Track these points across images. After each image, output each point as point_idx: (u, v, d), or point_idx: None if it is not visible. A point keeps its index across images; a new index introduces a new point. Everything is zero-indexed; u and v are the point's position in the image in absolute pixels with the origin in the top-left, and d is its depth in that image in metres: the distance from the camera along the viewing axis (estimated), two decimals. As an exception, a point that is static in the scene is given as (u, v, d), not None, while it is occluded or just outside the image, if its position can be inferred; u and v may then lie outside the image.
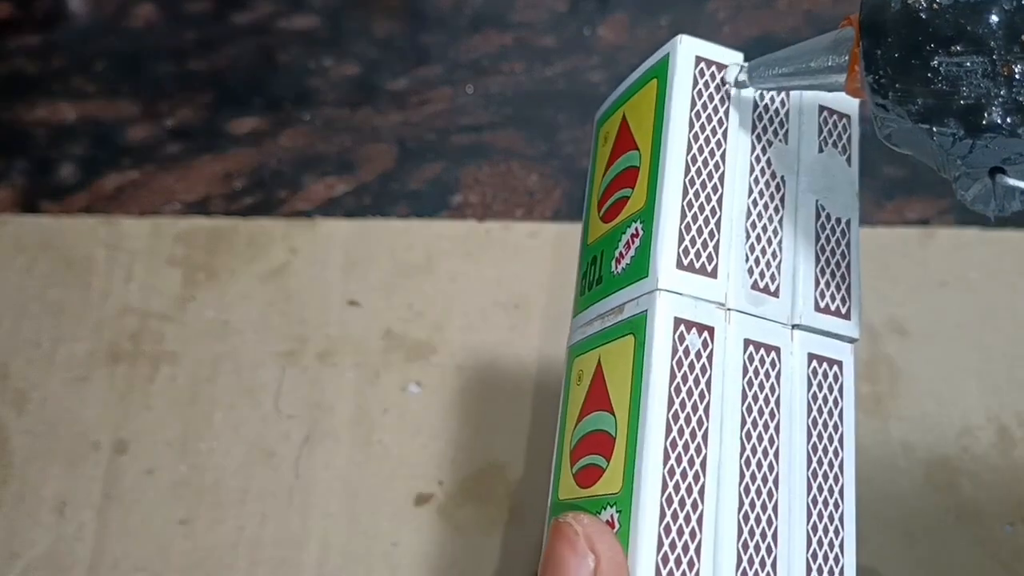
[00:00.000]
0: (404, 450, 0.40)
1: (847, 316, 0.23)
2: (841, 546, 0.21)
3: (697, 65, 0.23)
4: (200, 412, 0.41)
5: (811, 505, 0.21)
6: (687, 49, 0.23)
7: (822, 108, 0.25)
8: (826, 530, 0.21)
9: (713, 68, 0.23)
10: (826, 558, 0.21)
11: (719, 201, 0.23)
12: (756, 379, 0.22)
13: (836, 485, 0.22)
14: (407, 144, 0.49)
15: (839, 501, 0.22)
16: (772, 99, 0.24)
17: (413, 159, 0.49)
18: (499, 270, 0.45)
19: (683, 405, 0.20)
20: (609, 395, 0.22)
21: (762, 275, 0.23)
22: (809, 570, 0.21)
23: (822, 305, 0.23)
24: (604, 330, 0.23)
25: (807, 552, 0.21)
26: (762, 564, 0.20)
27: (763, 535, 0.20)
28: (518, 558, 0.38)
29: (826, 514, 0.21)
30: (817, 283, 0.23)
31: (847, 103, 0.25)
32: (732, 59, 0.24)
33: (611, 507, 0.21)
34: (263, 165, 0.48)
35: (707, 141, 0.23)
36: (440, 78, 0.52)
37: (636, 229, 0.23)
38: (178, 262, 0.45)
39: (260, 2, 0.54)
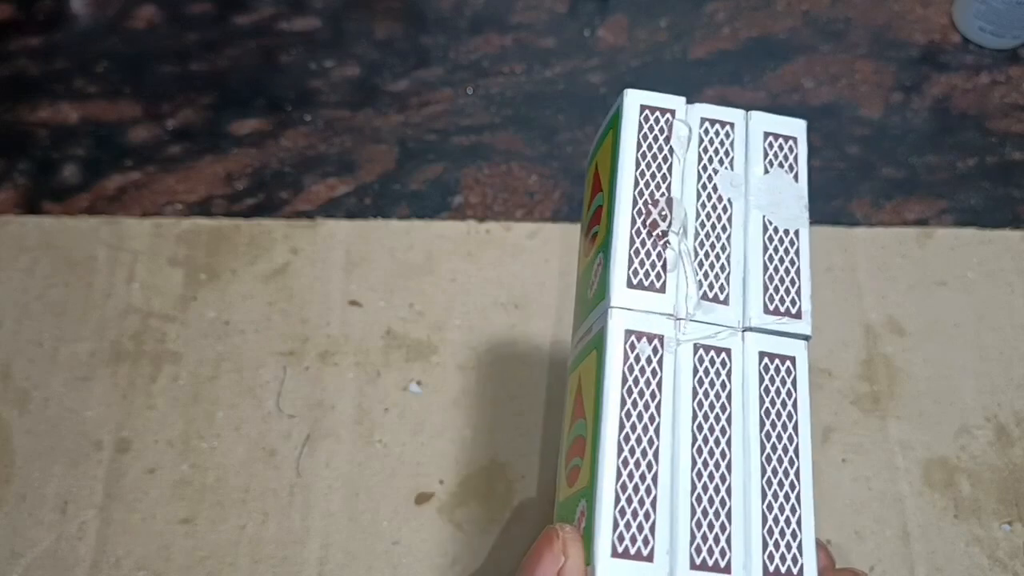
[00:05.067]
0: (405, 449, 0.40)
1: (798, 315, 0.25)
2: (799, 523, 0.23)
3: (642, 112, 0.27)
4: (202, 411, 0.41)
5: (766, 487, 0.23)
6: (632, 100, 0.27)
7: (767, 134, 0.28)
8: (782, 508, 0.23)
9: (657, 113, 0.27)
10: (783, 533, 0.23)
11: (668, 226, 0.26)
12: (707, 377, 0.24)
13: (791, 468, 0.24)
14: (408, 145, 0.50)
15: (795, 482, 0.24)
16: (717, 132, 0.27)
17: (414, 160, 0.49)
18: (499, 270, 0.45)
19: (635, 404, 0.23)
20: (583, 403, 0.25)
21: (711, 287, 0.25)
22: (766, 545, 0.23)
23: (771, 307, 0.25)
24: (582, 350, 0.26)
25: (763, 529, 0.23)
26: (716, 540, 0.22)
27: (716, 514, 0.23)
28: (518, 557, 0.38)
29: (781, 494, 0.23)
30: (766, 289, 0.25)
31: (793, 126, 0.28)
32: (675, 103, 0.27)
33: (583, 499, 0.23)
34: (264, 166, 0.49)
35: (653, 176, 0.26)
36: (440, 79, 0.52)
37: (600, 259, 0.26)
38: (180, 262, 0.45)
39: (261, 4, 0.55)
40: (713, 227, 0.26)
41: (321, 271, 0.45)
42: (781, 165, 0.27)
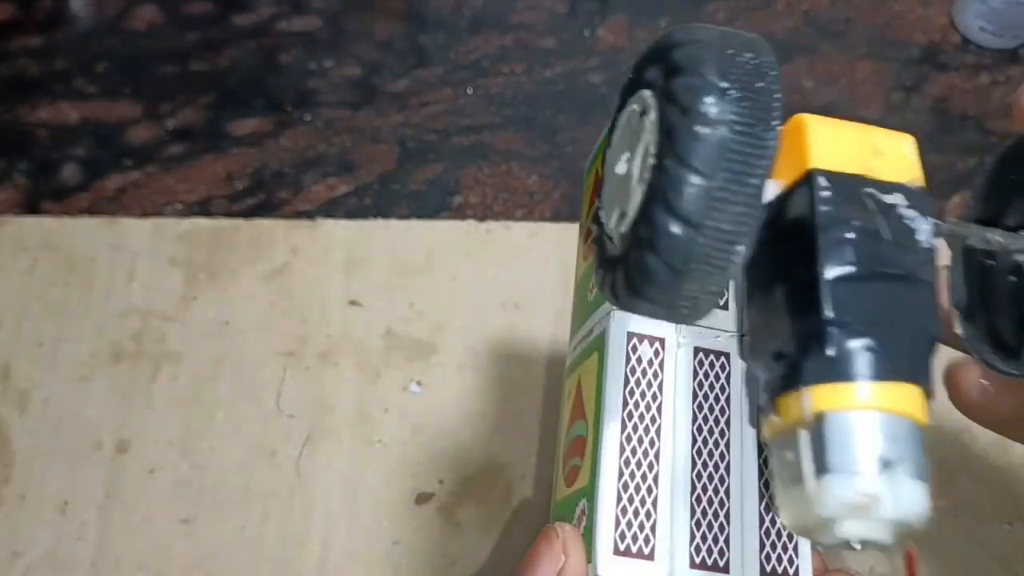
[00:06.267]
0: (405, 449, 0.40)
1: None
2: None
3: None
4: (202, 412, 0.41)
5: (763, 489, 0.23)
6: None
7: None
8: (774, 521, 0.23)
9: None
10: (779, 535, 0.23)
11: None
12: (707, 380, 0.24)
13: None
14: (408, 145, 0.50)
15: None
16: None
17: (414, 160, 0.49)
18: (499, 270, 0.45)
19: (636, 405, 0.23)
20: (584, 404, 0.25)
21: None
22: (763, 546, 0.23)
23: None
24: (582, 352, 0.26)
25: (760, 530, 0.23)
26: (715, 540, 0.23)
27: (715, 515, 0.23)
28: (519, 557, 0.38)
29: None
30: None
31: None
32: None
33: (583, 499, 0.23)
34: (264, 166, 0.49)
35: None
36: (440, 79, 0.52)
37: None
38: (180, 262, 0.45)
39: (261, 4, 0.55)
40: None
41: (321, 271, 0.45)
42: None
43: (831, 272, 0.17)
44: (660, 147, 0.17)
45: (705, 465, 0.23)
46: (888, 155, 0.18)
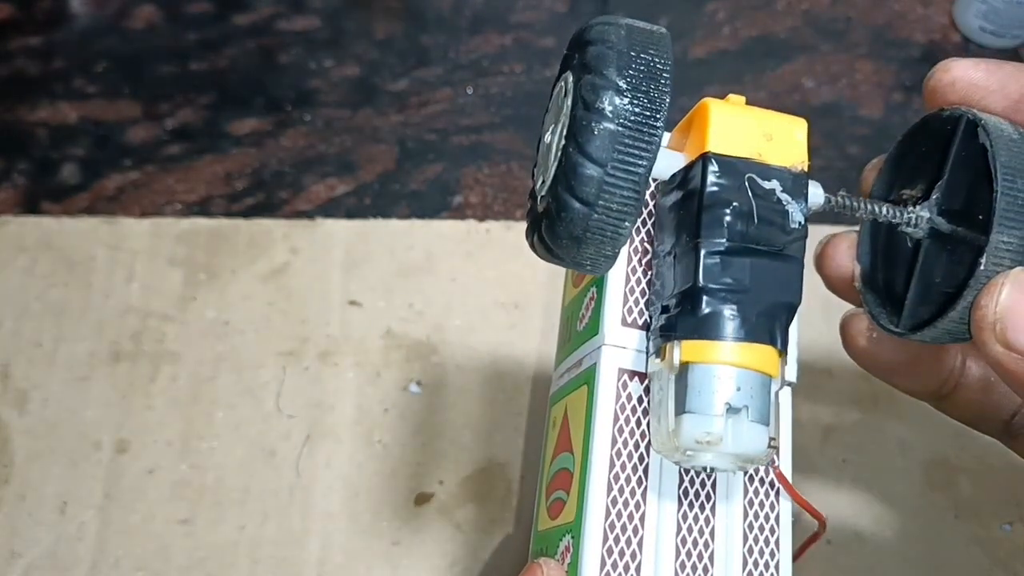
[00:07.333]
0: (404, 449, 0.40)
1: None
2: (777, 567, 0.23)
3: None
4: (201, 412, 0.41)
5: (747, 530, 0.23)
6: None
7: None
8: (762, 552, 0.23)
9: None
10: None
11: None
12: None
13: (772, 512, 0.24)
14: (407, 145, 0.49)
15: (775, 527, 0.23)
16: None
17: (413, 160, 0.49)
18: (499, 270, 0.45)
19: (625, 444, 0.23)
20: (571, 437, 0.25)
21: None
22: None
23: None
24: (570, 382, 0.26)
25: (743, 572, 0.23)
26: None
27: (700, 556, 0.23)
28: (518, 557, 0.38)
29: (762, 538, 0.23)
30: None
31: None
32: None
33: (568, 534, 0.23)
34: (264, 166, 0.49)
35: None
36: (440, 79, 0.52)
37: (593, 293, 0.25)
38: (179, 262, 0.45)
39: (261, 3, 0.55)
40: None
41: (321, 271, 0.45)
42: None
43: (707, 245, 0.20)
44: (568, 132, 0.19)
45: (691, 505, 0.23)
46: (778, 140, 0.21)
